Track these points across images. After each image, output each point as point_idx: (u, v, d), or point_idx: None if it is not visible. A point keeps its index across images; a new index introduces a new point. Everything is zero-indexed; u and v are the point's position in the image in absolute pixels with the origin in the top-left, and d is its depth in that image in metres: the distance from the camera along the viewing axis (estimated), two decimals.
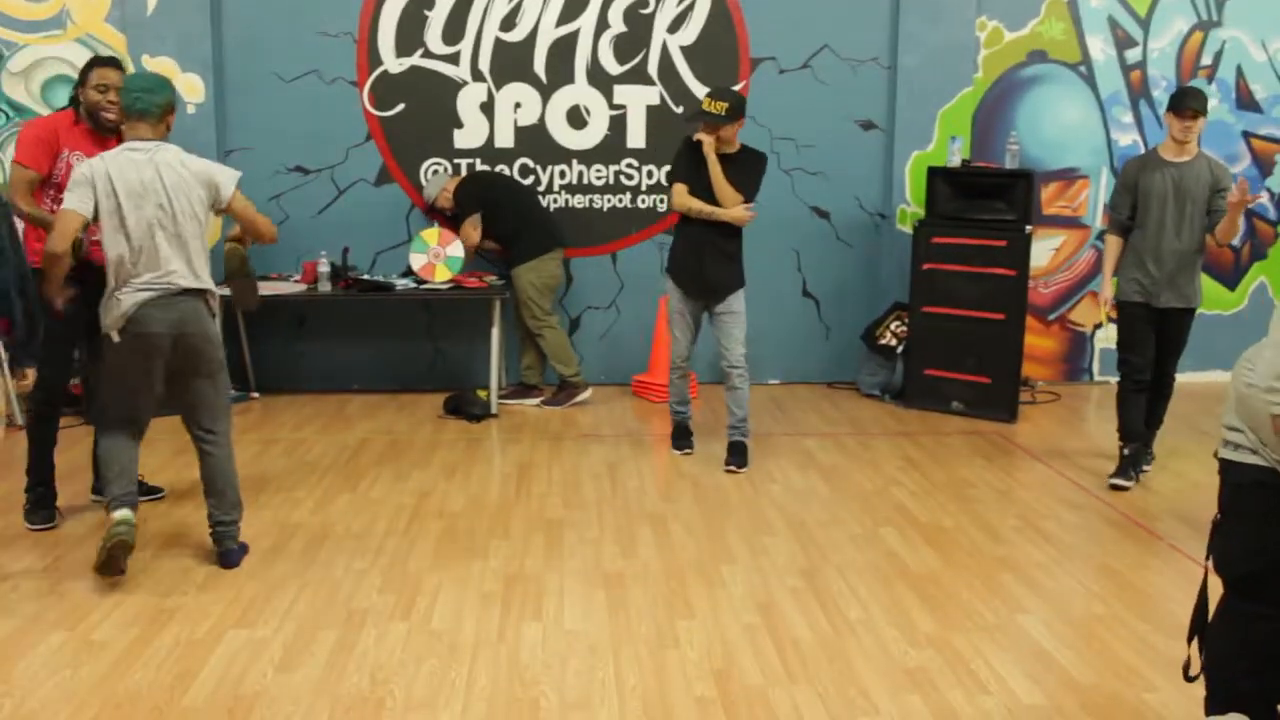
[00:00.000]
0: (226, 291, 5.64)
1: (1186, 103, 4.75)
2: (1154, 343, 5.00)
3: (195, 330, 3.83)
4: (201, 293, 3.87)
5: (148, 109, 3.78)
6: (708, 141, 4.96)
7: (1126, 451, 5.00)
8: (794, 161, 6.73)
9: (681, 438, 5.52)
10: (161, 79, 3.93)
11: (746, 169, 5.06)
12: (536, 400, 6.39)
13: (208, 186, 3.83)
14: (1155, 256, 4.86)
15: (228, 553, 4.00)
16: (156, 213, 3.73)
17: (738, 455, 5.18)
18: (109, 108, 4.11)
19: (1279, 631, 2.55)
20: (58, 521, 4.38)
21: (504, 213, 6.19)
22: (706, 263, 5.11)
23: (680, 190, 5.07)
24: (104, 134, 4.20)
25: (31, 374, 3.89)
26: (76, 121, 4.21)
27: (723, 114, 4.89)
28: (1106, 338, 7.06)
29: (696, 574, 3.94)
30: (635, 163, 6.66)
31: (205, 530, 4.23)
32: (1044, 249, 6.87)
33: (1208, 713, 2.69)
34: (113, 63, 4.24)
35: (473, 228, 6.14)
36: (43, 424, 4.33)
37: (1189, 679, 2.69)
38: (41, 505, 4.36)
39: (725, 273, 5.13)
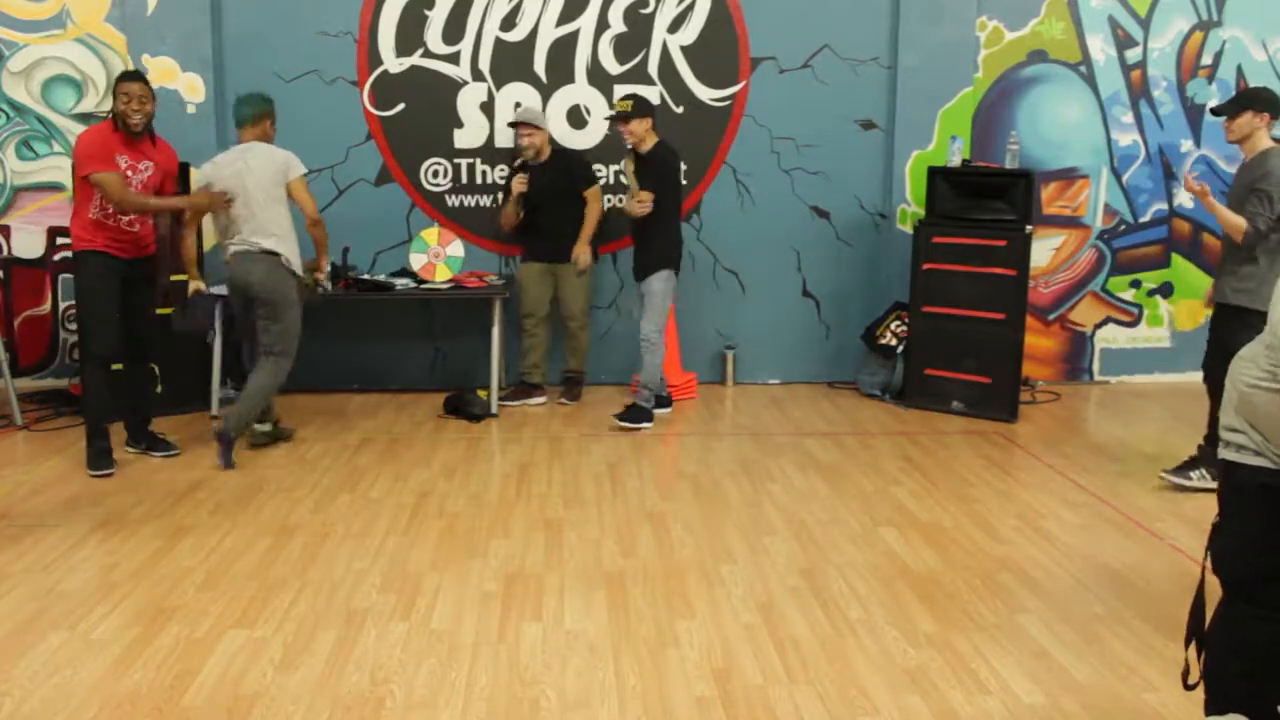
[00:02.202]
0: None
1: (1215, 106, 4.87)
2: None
3: (263, 281, 5.16)
4: (275, 254, 5.15)
5: (242, 118, 5.22)
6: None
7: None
8: (794, 161, 6.73)
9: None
10: (255, 95, 5.30)
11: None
12: (540, 400, 6.40)
13: (279, 170, 5.13)
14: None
15: (222, 433, 5.10)
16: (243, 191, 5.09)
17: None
18: (131, 114, 4.85)
19: (1278, 634, 2.54)
20: (114, 469, 5.02)
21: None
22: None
23: None
24: (134, 138, 4.92)
25: None
26: (115, 129, 4.90)
27: (629, 110, 5.62)
28: (1105, 338, 7.09)
29: (696, 574, 3.94)
30: None
31: (204, 530, 4.31)
32: (1044, 249, 6.87)
33: (1207, 714, 2.68)
34: (134, 76, 4.98)
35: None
36: (98, 384, 5.02)
37: (1188, 687, 2.68)
38: (102, 457, 5.00)
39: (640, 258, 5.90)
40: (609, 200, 6.62)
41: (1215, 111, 4.84)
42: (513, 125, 6.25)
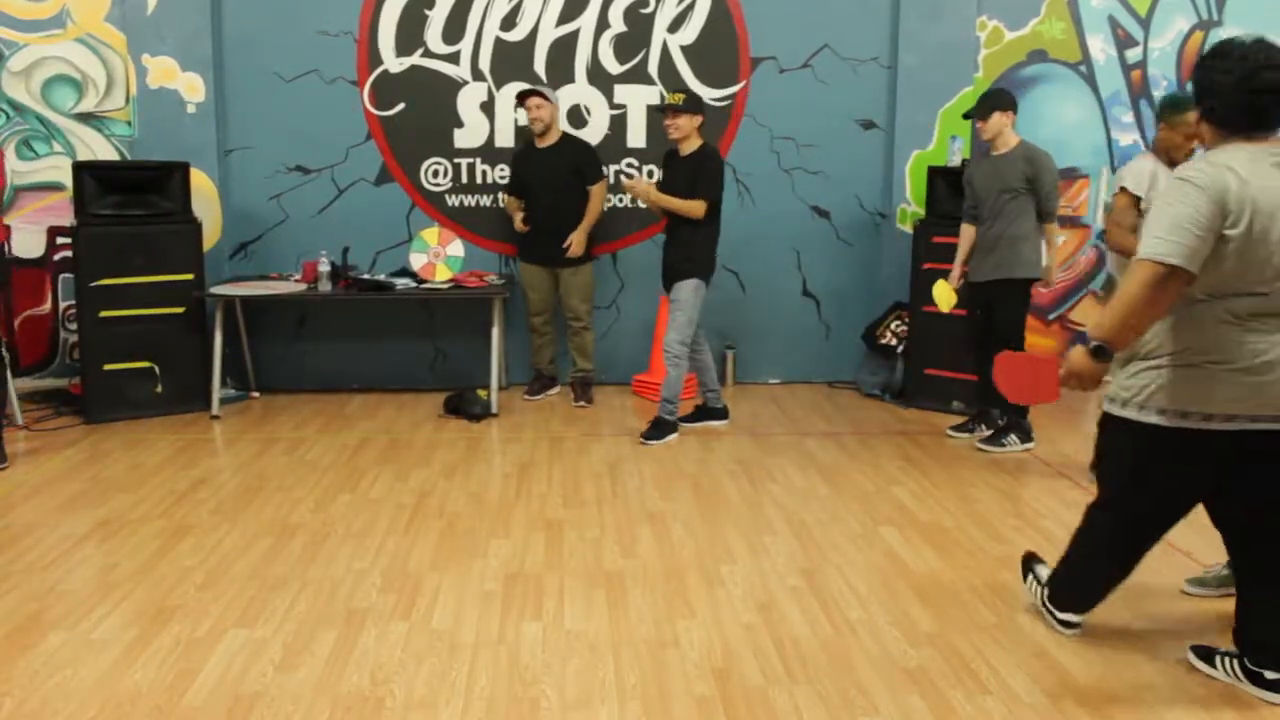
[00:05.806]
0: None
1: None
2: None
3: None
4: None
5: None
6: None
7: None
8: (794, 161, 6.73)
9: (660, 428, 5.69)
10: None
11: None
12: (556, 390, 6.61)
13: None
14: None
15: None
16: None
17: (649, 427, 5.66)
18: None
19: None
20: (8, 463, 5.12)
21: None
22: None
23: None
24: None
25: None
26: None
27: (679, 104, 5.41)
28: None
29: (696, 574, 3.94)
30: (635, 162, 6.66)
31: (204, 529, 4.30)
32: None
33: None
34: None
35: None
36: None
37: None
38: None
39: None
40: (610, 200, 6.63)
41: (967, 116, 5.52)
42: (522, 96, 6.11)
